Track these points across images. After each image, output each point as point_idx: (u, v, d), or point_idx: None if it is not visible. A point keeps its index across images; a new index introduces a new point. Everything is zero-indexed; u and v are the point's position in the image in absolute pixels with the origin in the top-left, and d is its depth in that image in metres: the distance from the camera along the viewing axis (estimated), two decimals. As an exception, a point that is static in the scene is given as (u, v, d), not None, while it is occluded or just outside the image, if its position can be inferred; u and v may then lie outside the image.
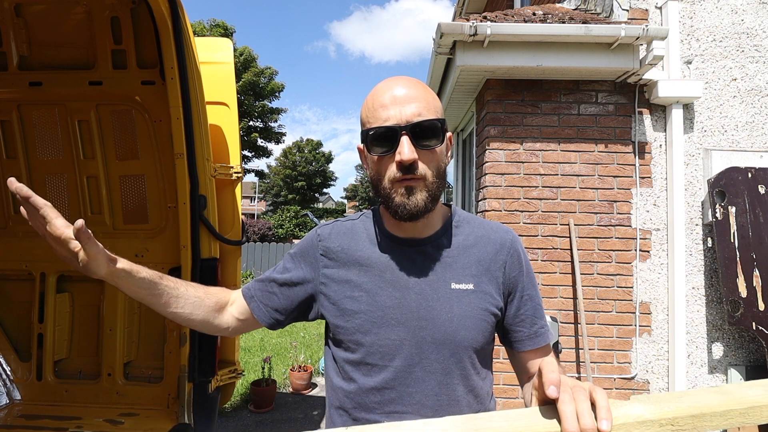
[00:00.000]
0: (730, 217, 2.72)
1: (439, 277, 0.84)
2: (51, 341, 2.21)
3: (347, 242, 0.90)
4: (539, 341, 0.88)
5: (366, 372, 0.83)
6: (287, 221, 24.58)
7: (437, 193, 0.81)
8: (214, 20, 20.62)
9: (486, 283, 0.85)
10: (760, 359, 2.79)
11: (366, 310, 0.84)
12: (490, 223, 0.93)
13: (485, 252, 0.87)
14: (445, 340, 0.81)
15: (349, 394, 0.85)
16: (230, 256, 2.23)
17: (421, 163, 0.78)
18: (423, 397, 0.81)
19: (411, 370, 0.81)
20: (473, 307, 0.83)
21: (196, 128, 1.90)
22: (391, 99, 0.78)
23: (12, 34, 2.05)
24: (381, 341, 0.82)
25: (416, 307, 0.82)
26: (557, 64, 2.73)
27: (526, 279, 0.89)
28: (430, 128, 0.78)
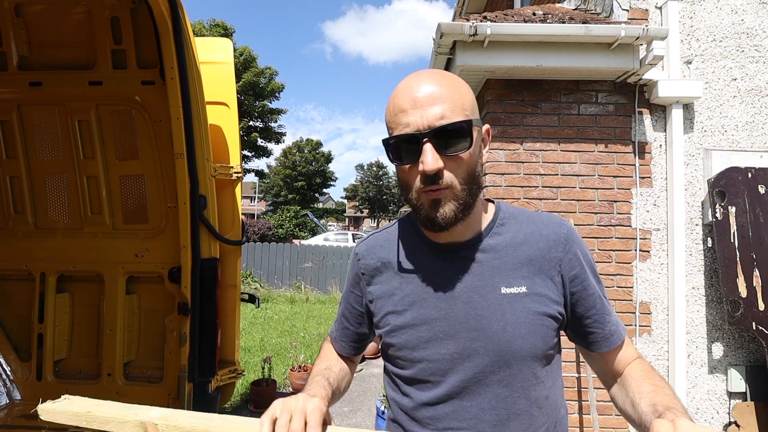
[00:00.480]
0: (730, 217, 2.72)
1: (487, 282, 0.77)
2: (51, 341, 2.21)
3: (385, 255, 0.86)
4: (615, 340, 0.80)
5: (420, 387, 0.80)
6: (287, 221, 24.58)
7: (469, 200, 0.73)
8: (214, 20, 20.64)
9: (540, 284, 0.77)
10: (760, 359, 2.79)
11: (411, 324, 0.79)
12: (540, 216, 0.83)
13: (536, 249, 0.78)
14: (499, 351, 0.74)
15: (402, 408, 0.83)
16: (230, 256, 2.23)
17: (448, 172, 0.70)
18: (479, 412, 0.75)
19: (466, 384, 0.76)
20: (528, 312, 0.75)
21: (196, 128, 1.90)
22: (411, 102, 0.70)
23: (12, 34, 2.05)
24: (431, 357, 0.78)
25: (464, 317, 0.76)
26: (557, 64, 2.73)
27: (589, 275, 0.80)
28: (456, 132, 0.69)
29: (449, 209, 0.72)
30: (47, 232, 2.27)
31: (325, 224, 34.28)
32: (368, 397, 4.33)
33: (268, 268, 10.79)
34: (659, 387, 0.72)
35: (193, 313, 1.97)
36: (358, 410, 4.00)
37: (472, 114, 0.72)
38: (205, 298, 2.00)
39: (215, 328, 2.04)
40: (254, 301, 2.51)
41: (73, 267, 2.24)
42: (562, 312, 0.79)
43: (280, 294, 9.76)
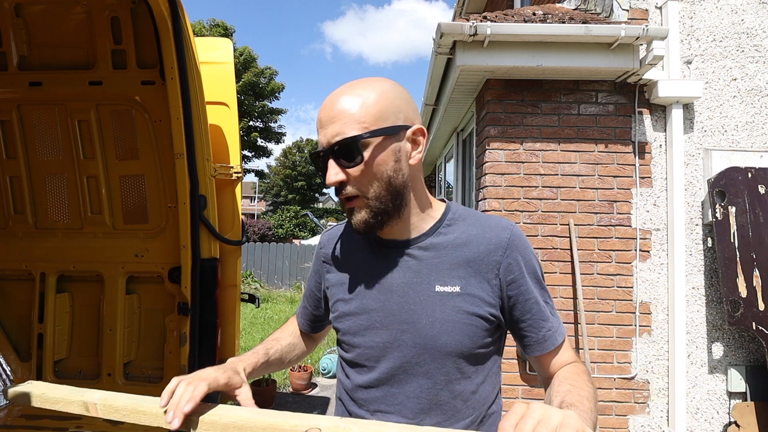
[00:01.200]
0: (730, 217, 2.72)
1: (423, 279, 0.81)
2: (51, 341, 2.21)
3: (342, 246, 0.93)
4: (547, 345, 0.83)
5: (357, 371, 0.87)
6: (287, 221, 24.59)
7: (384, 207, 0.78)
8: (214, 20, 20.64)
9: (475, 286, 0.80)
10: (760, 359, 2.79)
11: (354, 312, 0.86)
12: (489, 220, 0.86)
13: (476, 252, 0.81)
14: (425, 344, 0.79)
15: (345, 388, 0.90)
16: (230, 256, 2.23)
17: (352, 183, 0.76)
18: (405, 399, 0.81)
19: (394, 372, 0.82)
20: (458, 310, 0.79)
21: (196, 128, 1.90)
22: (319, 121, 0.78)
23: (12, 34, 2.05)
24: (367, 344, 0.84)
25: (398, 310, 0.81)
26: (557, 64, 2.73)
27: (528, 281, 0.82)
28: (347, 146, 0.74)
29: (361, 217, 0.78)
30: (47, 232, 2.27)
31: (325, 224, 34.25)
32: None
33: (268, 268, 10.80)
34: (577, 388, 0.73)
35: (193, 313, 1.97)
36: (358, 410, 3.99)
37: (373, 124, 0.75)
38: (205, 298, 2.00)
39: (215, 328, 2.04)
40: (254, 301, 2.51)
41: (73, 267, 2.24)
42: (496, 314, 0.81)
43: (280, 294, 9.76)
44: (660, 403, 2.86)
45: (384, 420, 0.81)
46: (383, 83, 0.79)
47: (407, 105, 0.80)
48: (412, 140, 0.80)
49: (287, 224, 24.31)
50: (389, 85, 0.80)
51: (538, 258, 0.87)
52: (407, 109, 0.80)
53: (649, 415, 2.86)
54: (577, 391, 0.72)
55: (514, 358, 2.88)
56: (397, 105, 0.78)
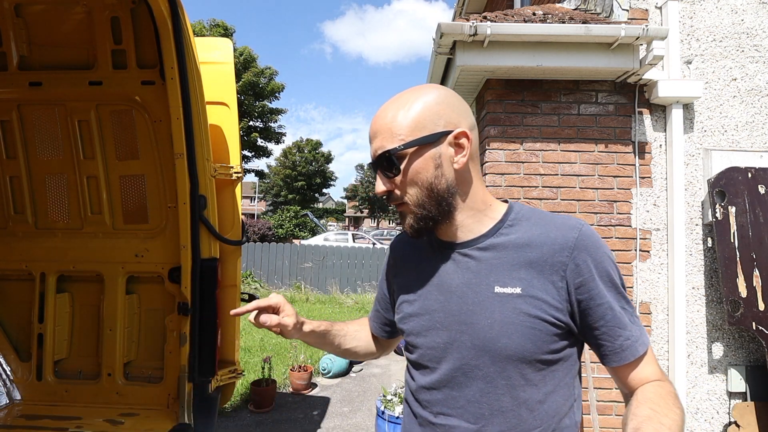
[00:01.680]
0: (730, 217, 2.72)
1: (482, 280, 0.80)
2: (51, 341, 2.21)
3: (409, 249, 0.96)
4: (626, 356, 0.77)
5: (421, 372, 0.87)
6: (287, 221, 24.57)
7: (429, 213, 0.80)
8: (214, 20, 20.65)
9: (538, 288, 0.76)
10: (760, 359, 2.79)
11: (416, 313, 0.87)
12: (555, 219, 0.82)
13: (540, 253, 0.78)
14: (484, 347, 0.77)
15: (411, 389, 0.91)
16: (230, 256, 2.23)
17: (398, 191, 0.81)
18: (466, 403, 0.79)
19: (454, 374, 0.80)
20: (518, 312, 0.76)
21: (196, 128, 1.90)
22: (369, 134, 0.84)
23: (12, 34, 2.05)
24: (429, 344, 0.84)
25: (458, 311, 0.81)
26: (557, 64, 2.73)
27: (599, 284, 0.77)
28: (386, 159, 0.79)
29: (409, 221, 0.82)
30: (47, 232, 2.27)
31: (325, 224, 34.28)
32: (368, 397, 4.34)
33: (268, 268, 10.79)
34: (658, 414, 0.68)
35: (193, 313, 1.97)
36: (358, 410, 4.00)
37: (409, 135, 0.78)
38: (205, 298, 2.00)
39: (215, 328, 2.04)
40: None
41: (73, 267, 2.24)
42: (563, 319, 0.77)
43: (280, 294, 9.74)
44: (660, 403, 2.86)
45: (446, 423, 0.80)
46: (425, 91, 0.81)
47: (450, 109, 0.80)
48: (456, 144, 0.80)
49: (287, 224, 24.30)
50: (433, 92, 0.81)
51: (614, 260, 0.80)
52: (449, 113, 0.80)
53: (649, 415, 2.86)
54: (657, 418, 0.67)
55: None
56: (436, 111, 0.79)
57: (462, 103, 0.83)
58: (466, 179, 0.83)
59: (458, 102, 0.82)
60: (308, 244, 11.70)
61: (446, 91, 0.83)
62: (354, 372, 5.07)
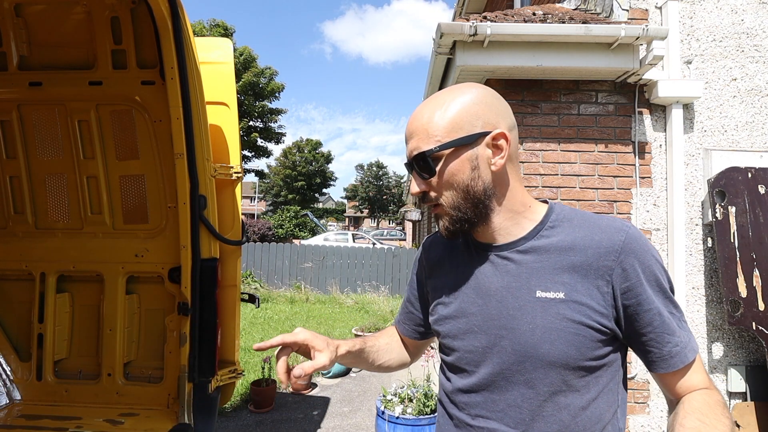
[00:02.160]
0: (730, 217, 2.72)
1: (523, 284, 0.78)
2: (51, 341, 2.21)
3: (442, 250, 0.94)
4: (675, 362, 0.75)
5: (458, 374, 0.86)
6: (287, 221, 24.58)
7: (464, 215, 0.78)
8: (214, 20, 20.65)
9: (581, 292, 0.74)
10: (760, 359, 2.79)
11: (453, 315, 0.86)
12: (599, 221, 0.79)
13: (584, 256, 0.76)
14: (526, 352, 0.76)
15: (446, 390, 0.89)
16: (230, 256, 2.23)
17: (434, 192, 0.80)
18: (506, 407, 0.78)
19: (494, 378, 0.79)
20: (561, 318, 0.74)
21: (196, 128, 1.90)
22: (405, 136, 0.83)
23: (12, 34, 2.05)
24: (467, 347, 0.83)
25: (497, 315, 0.79)
26: (557, 64, 2.73)
27: (647, 289, 0.74)
28: (422, 160, 0.78)
29: (443, 224, 0.81)
30: (47, 232, 2.27)
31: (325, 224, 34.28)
32: (368, 397, 4.34)
33: (268, 268, 10.79)
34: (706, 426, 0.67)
35: (193, 313, 1.97)
36: (358, 410, 4.00)
37: (446, 137, 0.76)
38: (205, 298, 2.00)
39: (215, 328, 2.04)
40: (254, 301, 2.51)
41: (73, 267, 2.24)
42: (609, 325, 0.75)
43: (280, 294, 9.76)
44: (660, 403, 2.86)
45: (486, 426, 0.80)
46: (464, 91, 0.79)
47: (488, 110, 0.78)
48: (493, 146, 0.78)
49: (287, 224, 24.31)
50: (471, 92, 0.79)
51: (663, 264, 0.78)
52: (488, 114, 0.78)
53: (649, 415, 2.86)
54: (706, 430, 0.66)
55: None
56: (474, 112, 0.77)
57: (501, 102, 0.81)
58: (503, 181, 0.81)
59: (497, 101, 0.80)
60: (308, 244, 11.70)
61: (485, 90, 0.80)
62: (354, 372, 5.07)
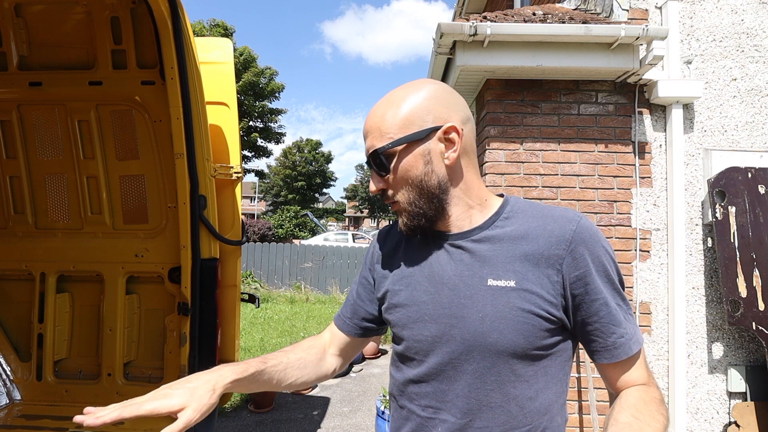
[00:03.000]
0: (730, 217, 2.72)
1: (475, 272, 0.77)
2: (51, 341, 2.21)
3: (397, 238, 0.94)
4: (618, 353, 0.75)
5: (408, 364, 0.85)
6: (287, 221, 24.58)
7: (421, 210, 0.79)
8: (214, 20, 20.64)
9: (532, 281, 0.74)
10: (760, 359, 2.79)
11: (403, 304, 0.85)
12: (553, 212, 0.80)
13: (536, 245, 0.76)
14: (474, 341, 0.75)
15: (396, 382, 0.89)
16: (230, 256, 2.23)
17: (390, 189, 0.81)
18: (454, 397, 0.78)
19: (443, 368, 0.79)
20: (511, 307, 0.74)
21: (196, 128, 1.90)
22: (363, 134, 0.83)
23: (12, 34, 2.05)
24: (416, 336, 0.82)
25: (448, 303, 0.78)
26: (557, 64, 2.73)
27: (596, 279, 0.75)
28: (377, 158, 0.79)
29: (402, 220, 0.82)
30: (47, 232, 2.27)
31: (325, 224, 34.29)
32: (368, 397, 4.34)
33: (268, 268, 10.79)
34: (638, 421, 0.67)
35: (193, 313, 1.97)
36: (358, 410, 4.00)
37: (398, 133, 0.77)
38: (205, 298, 2.00)
39: (215, 328, 2.04)
40: (254, 301, 2.51)
41: (73, 267, 2.25)
42: (557, 314, 0.75)
43: (280, 294, 9.76)
44: (660, 403, 2.86)
45: (434, 417, 0.80)
46: (416, 88, 0.80)
47: (439, 104, 0.78)
48: (446, 140, 0.78)
49: (287, 224, 24.31)
50: (423, 88, 0.80)
51: (613, 255, 0.78)
52: (439, 108, 0.78)
53: (649, 415, 2.86)
54: (638, 426, 0.66)
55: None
56: (425, 107, 0.78)
57: (454, 96, 0.81)
58: (458, 174, 0.81)
59: (449, 96, 0.80)
60: (308, 244, 11.70)
61: (438, 86, 0.80)
62: (354, 372, 5.07)
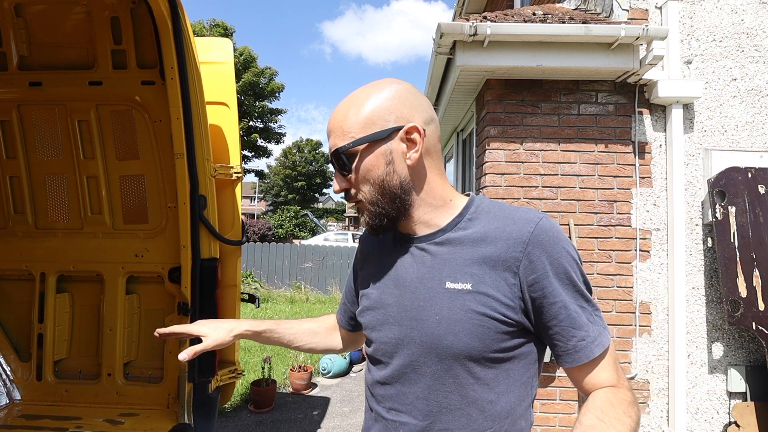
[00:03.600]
0: (730, 217, 2.72)
1: (435, 275, 0.78)
2: (51, 341, 2.21)
3: (375, 242, 0.95)
4: (580, 357, 0.74)
5: (376, 366, 0.87)
6: (287, 221, 24.58)
7: (382, 210, 0.79)
8: (214, 20, 20.63)
9: (488, 284, 0.74)
10: (760, 359, 2.79)
11: (372, 307, 0.87)
12: (515, 213, 0.78)
13: (494, 248, 0.75)
14: (431, 344, 0.76)
15: (367, 383, 0.91)
16: (230, 256, 2.23)
17: (353, 189, 0.81)
18: (415, 399, 0.79)
19: (404, 370, 0.80)
20: (466, 310, 0.74)
21: (196, 128, 1.90)
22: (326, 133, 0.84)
23: (12, 34, 2.05)
24: (382, 339, 0.84)
25: (410, 306, 0.80)
26: (557, 64, 2.73)
27: (554, 282, 0.73)
28: (339, 157, 0.79)
29: (364, 220, 0.82)
30: (47, 232, 2.27)
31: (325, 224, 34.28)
32: (368, 397, 4.33)
33: (268, 268, 10.80)
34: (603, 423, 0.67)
35: (193, 313, 1.97)
36: (358, 410, 4.00)
37: (359, 133, 0.77)
38: (205, 298, 2.00)
39: (215, 328, 2.04)
40: (254, 301, 2.51)
41: (73, 267, 2.24)
42: (514, 317, 0.74)
43: (280, 294, 9.76)
44: (660, 403, 2.86)
45: (396, 419, 0.81)
46: (379, 87, 0.79)
47: (402, 105, 0.78)
48: (407, 140, 0.78)
49: (287, 224, 24.31)
50: (386, 88, 0.79)
51: (575, 256, 0.76)
52: (401, 109, 0.78)
53: (649, 415, 2.86)
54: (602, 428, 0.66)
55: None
56: (387, 107, 0.77)
57: (417, 97, 0.80)
58: (421, 175, 0.81)
59: (412, 96, 0.80)
60: (308, 244, 11.70)
61: (402, 86, 0.80)
62: (354, 372, 5.07)
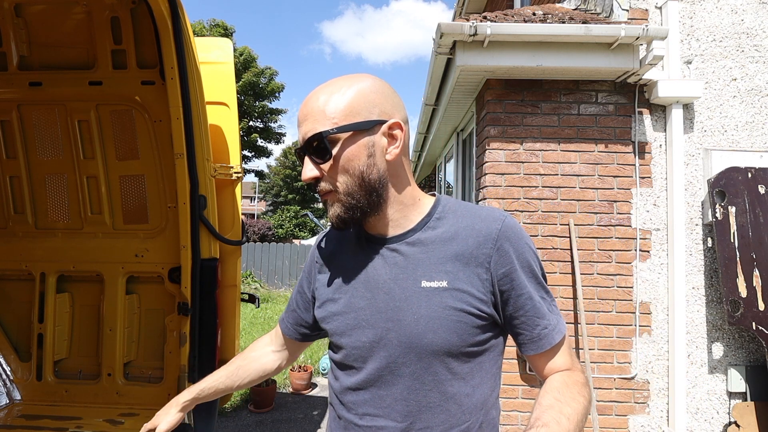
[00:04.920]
0: (730, 217, 2.72)
1: (409, 275, 0.78)
2: (51, 341, 2.21)
3: (336, 245, 0.92)
4: (543, 344, 0.78)
5: (346, 372, 0.84)
6: (287, 221, 24.60)
7: (358, 202, 0.77)
8: (214, 20, 20.62)
9: (463, 280, 0.76)
10: (760, 359, 2.79)
11: (341, 312, 0.84)
12: (480, 212, 0.82)
13: (466, 245, 0.78)
14: (411, 343, 0.76)
15: (335, 391, 0.87)
16: (230, 256, 2.23)
17: (327, 179, 0.77)
18: (393, 402, 0.78)
19: (381, 373, 0.79)
20: (444, 307, 0.75)
21: (196, 128, 1.90)
22: (298, 118, 0.79)
23: (12, 34, 2.05)
24: (354, 343, 0.81)
25: (384, 308, 0.79)
26: (557, 64, 2.73)
27: (521, 274, 0.77)
28: (318, 143, 0.75)
29: (334, 212, 0.78)
30: (47, 232, 2.27)
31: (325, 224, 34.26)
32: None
33: (268, 268, 10.80)
34: (560, 403, 0.70)
35: (193, 313, 1.97)
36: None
37: (343, 120, 0.75)
38: (205, 298, 2.00)
39: (215, 328, 2.04)
40: (254, 301, 2.51)
41: (73, 267, 2.24)
42: (488, 311, 0.77)
43: (280, 294, 9.76)
44: (660, 403, 2.86)
45: (372, 425, 0.79)
46: (360, 79, 0.79)
47: (384, 99, 0.78)
48: (389, 135, 0.78)
49: (287, 224, 24.33)
50: (367, 80, 0.79)
51: (536, 251, 0.81)
52: (384, 103, 0.78)
53: (649, 415, 2.86)
54: (558, 407, 0.69)
55: (513, 358, 2.88)
56: (371, 100, 0.77)
57: (396, 96, 0.81)
58: (397, 172, 0.81)
59: (393, 94, 0.81)
60: (308, 244, 11.71)
61: (381, 82, 0.81)
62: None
